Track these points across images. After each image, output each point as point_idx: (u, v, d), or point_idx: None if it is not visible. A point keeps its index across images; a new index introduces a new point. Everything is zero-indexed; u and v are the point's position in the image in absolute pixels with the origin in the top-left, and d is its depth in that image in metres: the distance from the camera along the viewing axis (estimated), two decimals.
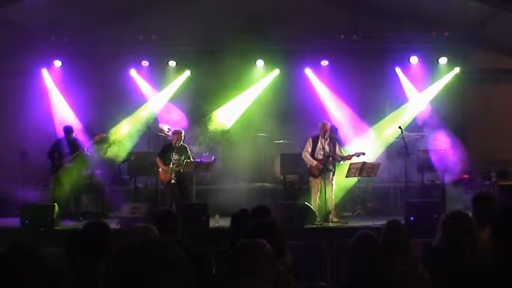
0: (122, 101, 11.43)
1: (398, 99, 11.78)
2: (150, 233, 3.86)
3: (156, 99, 12.07)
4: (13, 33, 11.00)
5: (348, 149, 9.82)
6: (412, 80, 11.84)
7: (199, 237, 7.07)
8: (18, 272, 2.47)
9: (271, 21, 11.18)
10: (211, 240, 7.06)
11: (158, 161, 9.48)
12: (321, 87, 12.01)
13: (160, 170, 9.40)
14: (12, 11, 10.38)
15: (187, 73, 12.09)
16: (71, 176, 9.50)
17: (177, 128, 9.90)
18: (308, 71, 12.04)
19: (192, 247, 4.59)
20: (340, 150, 9.37)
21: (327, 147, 9.12)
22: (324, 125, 9.30)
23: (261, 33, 11.35)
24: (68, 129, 9.81)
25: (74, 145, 9.63)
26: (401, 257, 3.61)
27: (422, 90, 11.80)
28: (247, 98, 12.09)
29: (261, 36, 11.44)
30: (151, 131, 11.17)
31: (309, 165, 9.28)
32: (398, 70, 11.88)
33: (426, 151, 10.27)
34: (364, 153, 9.28)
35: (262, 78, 12.07)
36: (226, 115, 12.03)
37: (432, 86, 11.77)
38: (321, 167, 8.99)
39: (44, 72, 11.85)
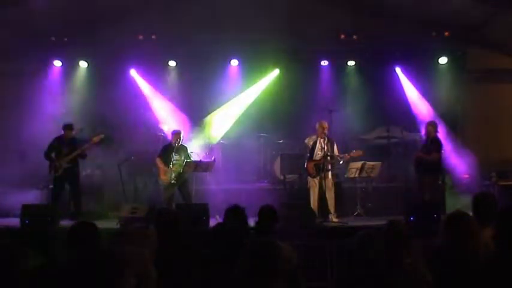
0: None
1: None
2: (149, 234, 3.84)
3: None
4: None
5: None
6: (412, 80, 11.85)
7: (199, 237, 7.05)
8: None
9: None
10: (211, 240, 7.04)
11: (158, 161, 9.45)
12: None
13: (160, 170, 9.39)
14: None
15: None
16: (70, 176, 9.48)
17: (176, 128, 9.88)
18: None
19: (192, 247, 4.58)
20: (338, 150, 9.36)
21: (325, 147, 9.11)
22: (321, 124, 9.28)
23: None
24: (68, 127, 9.54)
25: (72, 144, 9.48)
26: (403, 257, 3.60)
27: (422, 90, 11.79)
28: None
29: None
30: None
31: (306, 165, 9.27)
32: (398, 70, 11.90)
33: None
34: (362, 153, 9.26)
35: None
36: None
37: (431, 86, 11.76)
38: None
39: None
